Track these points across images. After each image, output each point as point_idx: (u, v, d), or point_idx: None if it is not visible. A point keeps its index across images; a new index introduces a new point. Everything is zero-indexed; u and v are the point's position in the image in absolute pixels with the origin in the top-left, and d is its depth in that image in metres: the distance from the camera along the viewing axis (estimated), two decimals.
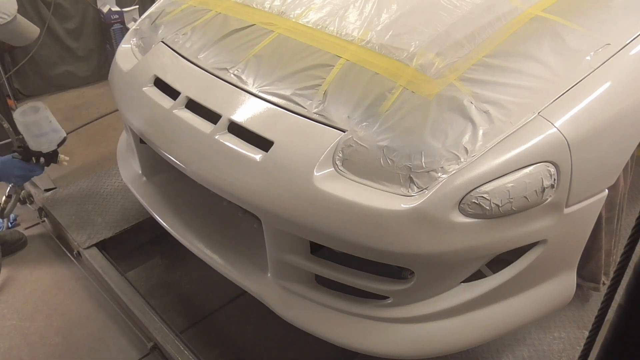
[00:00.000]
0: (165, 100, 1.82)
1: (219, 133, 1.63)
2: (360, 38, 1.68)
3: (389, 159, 1.40)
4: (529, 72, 1.49)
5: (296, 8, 1.89)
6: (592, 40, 1.55)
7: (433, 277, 1.50)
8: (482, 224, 1.38)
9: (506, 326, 1.67)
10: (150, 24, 2.15)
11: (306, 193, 1.43)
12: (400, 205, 1.35)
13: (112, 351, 2.07)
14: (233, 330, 2.13)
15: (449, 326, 1.59)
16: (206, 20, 1.98)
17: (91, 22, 3.93)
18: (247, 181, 1.54)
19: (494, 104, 1.42)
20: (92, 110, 3.68)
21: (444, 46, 1.57)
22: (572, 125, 1.42)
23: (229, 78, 1.75)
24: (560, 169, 1.41)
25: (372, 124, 1.46)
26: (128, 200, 2.55)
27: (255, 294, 1.73)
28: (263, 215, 1.56)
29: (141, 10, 3.95)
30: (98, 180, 2.72)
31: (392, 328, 1.60)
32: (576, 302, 1.98)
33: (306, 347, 2.00)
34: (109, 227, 2.42)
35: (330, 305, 1.64)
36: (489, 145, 1.37)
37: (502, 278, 1.56)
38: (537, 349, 1.90)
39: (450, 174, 1.35)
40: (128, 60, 2.10)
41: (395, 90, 1.49)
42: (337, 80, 1.57)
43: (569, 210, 1.48)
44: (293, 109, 1.58)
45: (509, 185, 1.35)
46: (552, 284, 1.67)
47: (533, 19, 1.61)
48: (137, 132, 1.91)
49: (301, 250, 1.60)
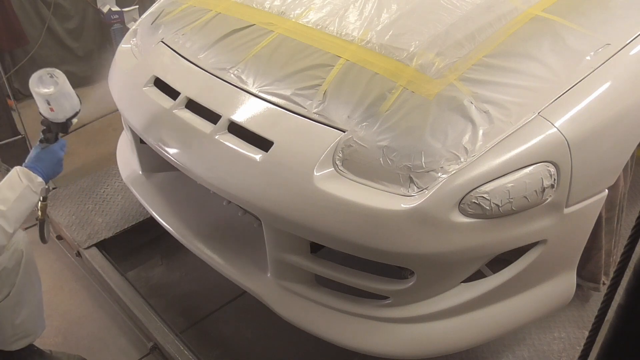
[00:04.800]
0: (165, 100, 1.82)
1: (219, 133, 1.63)
2: (360, 38, 1.68)
3: (389, 159, 1.40)
4: (529, 72, 1.49)
5: (296, 8, 1.89)
6: (592, 40, 1.55)
7: (433, 277, 1.50)
8: (482, 224, 1.38)
9: (506, 326, 1.67)
10: (150, 24, 2.14)
11: (306, 193, 1.43)
12: (400, 205, 1.35)
13: (112, 351, 2.07)
14: (233, 330, 2.13)
15: (449, 326, 1.59)
16: (206, 20, 1.98)
17: (91, 22, 3.93)
18: (247, 181, 1.54)
19: (494, 104, 1.42)
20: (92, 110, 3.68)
21: (444, 46, 1.57)
22: (572, 125, 1.42)
23: (229, 78, 1.75)
24: (560, 169, 1.41)
25: (372, 124, 1.46)
26: (128, 200, 2.55)
27: (255, 294, 1.73)
28: (263, 215, 1.56)
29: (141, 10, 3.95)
30: (98, 180, 2.72)
31: (392, 328, 1.60)
32: (576, 302, 1.97)
33: (306, 347, 2.00)
34: (109, 227, 2.42)
35: (330, 305, 1.64)
36: (489, 145, 1.37)
37: (502, 278, 1.56)
38: (537, 349, 1.90)
39: (450, 174, 1.35)
40: (128, 60, 2.10)
41: (395, 90, 1.49)
42: (337, 80, 1.57)
43: (569, 210, 1.48)
44: (293, 109, 1.58)
45: (509, 185, 1.35)
46: (552, 284, 1.67)
47: (533, 19, 1.61)
48: (137, 132, 1.91)
49: (301, 250, 1.60)
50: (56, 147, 1.74)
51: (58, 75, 1.70)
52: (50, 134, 1.75)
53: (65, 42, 3.84)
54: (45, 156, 1.70)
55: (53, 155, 1.71)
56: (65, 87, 1.71)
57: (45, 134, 1.75)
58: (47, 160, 1.70)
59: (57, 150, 1.74)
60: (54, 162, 1.72)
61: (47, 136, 1.75)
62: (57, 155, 1.73)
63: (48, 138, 1.75)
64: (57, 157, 1.73)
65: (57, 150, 1.74)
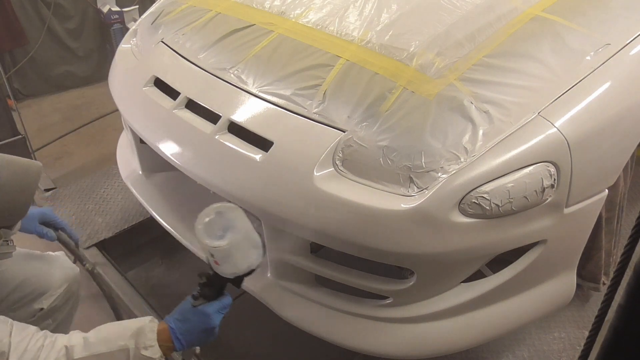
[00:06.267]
0: (165, 100, 1.82)
1: (219, 133, 1.63)
2: (360, 38, 1.68)
3: (389, 159, 1.40)
4: (529, 72, 1.49)
5: (296, 8, 1.89)
6: (592, 40, 1.55)
7: (433, 277, 1.50)
8: (482, 224, 1.38)
9: (506, 326, 1.67)
10: (150, 24, 2.14)
11: (306, 193, 1.43)
12: (400, 205, 1.35)
13: None
14: (233, 330, 2.13)
15: (449, 326, 1.59)
16: (206, 20, 1.98)
17: (91, 22, 3.94)
18: (247, 181, 1.54)
19: (494, 104, 1.42)
20: (92, 110, 3.68)
21: (444, 46, 1.57)
22: (572, 125, 1.42)
23: (228, 78, 1.75)
24: (560, 169, 1.41)
25: (372, 124, 1.46)
26: (128, 200, 2.55)
27: (255, 293, 1.73)
28: (263, 215, 1.56)
29: (141, 10, 3.95)
30: (98, 180, 2.72)
31: (392, 328, 1.60)
32: (576, 302, 1.97)
33: (306, 347, 2.00)
34: (109, 227, 2.42)
35: (330, 305, 1.64)
36: (489, 145, 1.37)
37: (502, 278, 1.56)
38: (537, 349, 1.90)
39: (450, 174, 1.35)
40: (128, 60, 2.10)
41: (396, 90, 1.49)
42: (337, 80, 1.57)
43: (569, 210, 1.48)
44: (293, 109, 1.58)
45: (509, 185, 1.35)
46: (552, 284, 1.67)
47: (533, 19, 1.61)
48: (137, 132, 1.91)
49: (301, 250, 1.60)
50: (212, 308, 1.27)
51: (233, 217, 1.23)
52: (208, 289, 1.28)
53: (65, 42, 3.84)
54: (194, 318, 1.26)
55: (204, 320, 1.26)
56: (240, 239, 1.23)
57: (202, 287, 1.28)
58: (194, 323, 1.26)
59: (213, 313, 1.27)
60: (202, 329, 1.27)
61: (203, 291, 1.28)
62: (211, 321, 1.27)
63: (204, 293, 1.28)
64: (209, 324, 1.27)
65: (212, 314, 1.27)
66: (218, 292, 1.29)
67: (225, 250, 1.20)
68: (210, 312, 1.26)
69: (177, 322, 1.26)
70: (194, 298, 1.28)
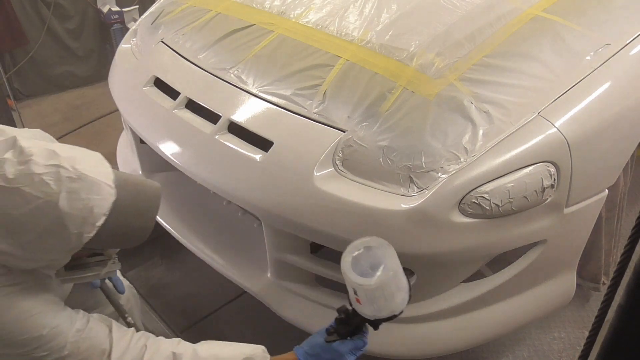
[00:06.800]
0: (165, 100, 1.82)
1: (219, 133, 1.63)
2: (360, 38, 1.68)
3: (389, 159, 1.40)
4: (529, 72, 1.49)
5: (296, 8, 1.89)
6: (592, 40, 1.55)
7: (433, 277, 1.50)
8: (482, 224, 1.38)
9: (506, 326, 1.67)
10: (150, 24, 2.14)
11: (306, 193, 1.43)
12: (401, 205, 1.35)
13: None
14: (233, 330, 2.13)
15: (449, 326, 1.59)
16: (206, 20, 1.98)
17: (91, 22, 3.93)
18: (247, 181, 1.54)
19: (494, 104, 1.42)
20: (92, 110, 3.68)
21: (444, 46, 1.57)
22: (572, 125, 1.42)
23: (228, 78, 1.75)
24: (560, 169, 1.41)
25: (372, 124, 1.46)
26: None
27: (255, 294, 1.73)
28: (263, 215, 1.56)
29: (141, 10, 3.95)
30: None
31: (392, 328, 1.59)
32: (576, 302, 1.97)
33: None
34: None
35: (331, 305, 1.63)
36: (489, 145, 1.37)
37: (502, 278, 1.56)
38: (537, 349, 1.90)
39: (450, 174, 1.35)
40: (128, 60, 2.10)
41: (395, 90, 1.49)
42: (337, 80, 1.57)
43: (569, 210, 1.48)
44: (293, 109, 1.58)
45: (509, 185, 1.35)
46: (552, 284, 1.67)
47: (533, 19, 1.61)
48: (137, 132, 1.91)
49: (301, 250, 1.60)
50: (345, 347, 1.19)
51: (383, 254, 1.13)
52: (344, 326, 1.21)
53: (65, 42, 3.84)
54: (325, 355, 1.21)
55: (336, 358, 1.20)
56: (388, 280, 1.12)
57: (338, 324, 1.21)
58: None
59: (345, 353, 1.19)
60: None
61: (339, 327, 1.21)
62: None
63: (339, 330, 1.21)
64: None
65: (345, 354, 1.19)
66: (353, 331, 1.21)
67: (370, 290, 1.12)
68: (343, 351, 1.20)
69: (306, 356, 1.23)
70: (328, 333, 1.22)
